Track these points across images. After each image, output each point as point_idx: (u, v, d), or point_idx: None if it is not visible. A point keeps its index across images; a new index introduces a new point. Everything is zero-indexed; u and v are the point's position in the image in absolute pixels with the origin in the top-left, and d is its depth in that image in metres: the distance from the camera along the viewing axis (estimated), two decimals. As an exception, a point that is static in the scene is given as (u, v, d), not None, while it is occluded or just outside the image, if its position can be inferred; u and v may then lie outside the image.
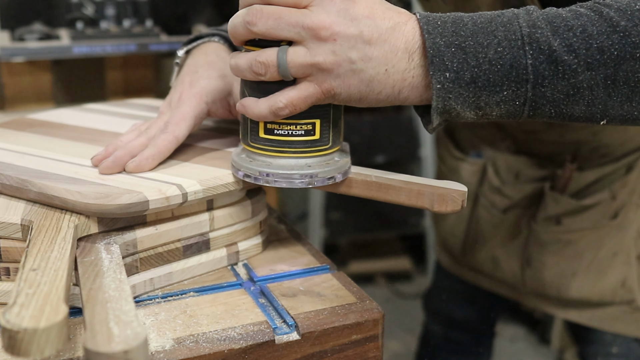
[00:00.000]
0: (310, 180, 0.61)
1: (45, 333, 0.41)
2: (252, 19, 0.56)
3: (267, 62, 0.56)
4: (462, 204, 0.60)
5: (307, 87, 0.57)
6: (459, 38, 0.55)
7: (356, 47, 0.55)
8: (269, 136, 0.60)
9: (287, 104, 0.57)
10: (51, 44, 1.53)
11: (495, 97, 0.55)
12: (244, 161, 0.62)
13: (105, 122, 0.83)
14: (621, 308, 1.04)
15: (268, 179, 0.61)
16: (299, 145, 0.60)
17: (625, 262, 1.03)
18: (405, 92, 0.57)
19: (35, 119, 0.85)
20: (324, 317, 0.59)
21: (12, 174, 0.62)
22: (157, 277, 0.62)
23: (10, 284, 0.58)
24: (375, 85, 0.56)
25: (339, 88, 0.56)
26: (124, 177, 0.63)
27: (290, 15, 0.55)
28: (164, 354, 0.53)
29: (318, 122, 0.60)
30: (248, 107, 0.59)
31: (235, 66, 0.59)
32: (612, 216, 1.01)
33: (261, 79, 0.57)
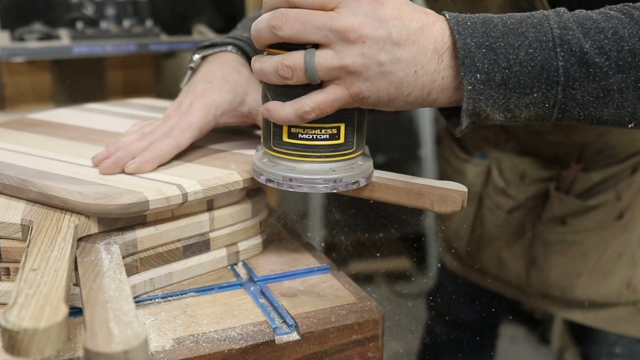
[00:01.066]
0: (335, 185, 0.60)
1: (45, 333, 0.41)
2: (278, 23, 0.55)
3: (294, 66, 0.55)
4: (462, 205, 0.60)
5: (334, 90, 0.56)
6: (489, 39, 0.54)
7: (385, 49, 0.54)
8: (293, 140, 0.59)
9: (313, 107, 0.56)
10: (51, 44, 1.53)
11: (525, 99, 0.55)
12: (266, 166, 0.61)
13: (105, 122, 0.83)
14: (626, 309, 1.04)
15: (292, 184, 0.60)
16: (323, 150, 0.60)
17: (630, 263, 1.02)
18: (434, 94, 0.56)
19: (35, 118, 0.85)
20: (324, 317, 0.59)
21: (12, 173, 0.62)
22: (157, 277, 0.62)
23: (11, 284, 0.58)
24: (404, 88, 0.55)
25: (368, 91, 0.56)
26: (124, 177, 0.63)
27: (317, 18, 0.54)
28: (164, 354, 0.53)
29: (343, 126, 0.59)
30: (273, 111, 0.58)
31: (259, 70, 0.58)
32: (617, 217, 1.01)
33: (287, 82, 0.56)
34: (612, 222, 1.01)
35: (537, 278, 1.07)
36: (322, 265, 0.69)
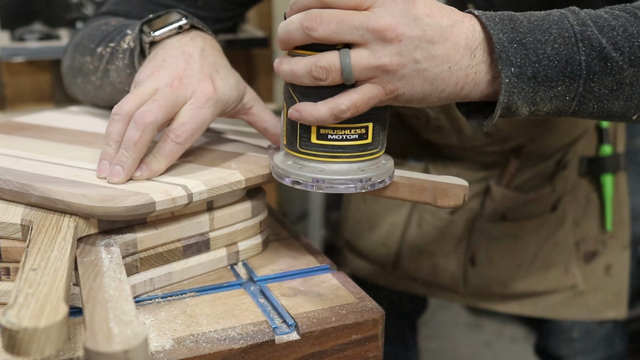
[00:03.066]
0: (363, 185, 0.60)
1: (45, 332, 0.41)
2: (312, 24, 0.54)
3: (329, 67, 0.55)
4: (464, 199, 0.61)
5: (370, 89, 0.56)
6: (518, 34, 0.56)
7: (420, 47, 0.54)
8: (322, 141, 0.59)
9: (349, 106, 0.56)
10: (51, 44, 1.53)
11: (550, 92, 0.57)
12: (292, 168, 0.60)
13: (93, 123, 0.83)
14: (564, 295, 1.09)
15: (321, 185, 0.59)
16: (352, 150, 0.59)
17: (565, 250, 1.07)
18: (467, 89, 0.57)
19: (23, 122, 0.84)
20: (324, 317, 0.59)
21: (11, 178, 0.61)
22: (157, 277, 0.62)
23: (10, 284, 0.58)
24: (438, 84, 0.56)
25: (403, 89, 0.56)
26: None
27: (352, 18, 0.54)
28: (164, 353, 0.53)
29: (371, 126, 0.59)
30: (305, 111, 0.57)
31: (289, 72, 0.57)
32: (552, 208, 1.06)
33: (321, 84, 0.56)
34: (548, 214, 1.06)
35: (476, 276, 1.09)
36: (322, 265, 0.69)
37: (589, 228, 1.08)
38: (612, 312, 1.10)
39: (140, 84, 0.67)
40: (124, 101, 0.65)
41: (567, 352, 1.12)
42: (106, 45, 0.79)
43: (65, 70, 0.91)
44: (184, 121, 0.64)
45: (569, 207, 1.07)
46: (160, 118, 0.63)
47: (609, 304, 1.10)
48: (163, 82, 0.66)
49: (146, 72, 0.68)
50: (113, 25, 0.81)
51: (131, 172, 0.62)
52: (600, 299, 1.10)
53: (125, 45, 0.75)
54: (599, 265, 1.09)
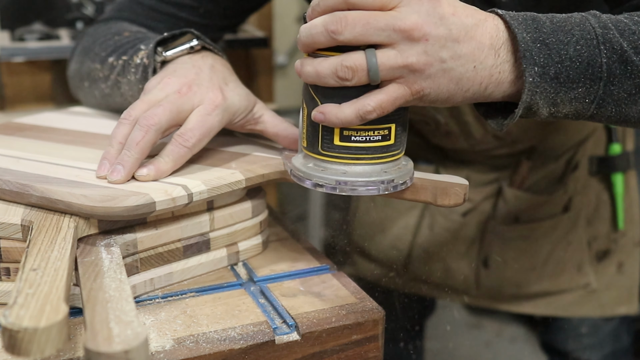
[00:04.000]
0: (387, 186, 0.59)
1: (45, 332, 0.41)
2: (338, 28, 0.53)
3: (355, 67, 0.54)
4: (464, 198, 0.61)
5: (396, 89, 0.55)
6: (542, 34, 0.56)
7: (446, 46, 0.54)
8: (345, 143, 0.58)
9: (375, 107, 0.55)
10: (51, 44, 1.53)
11: (570, 93, 0.57)
12: (313, 170, 0.59)
13: (93, 124, 0.83)
14: (577, 293, 1.09)
15: (344, 188, 0.58)
16: (375, 151, 0.58)
17: (578, 249, 1.07)
18: (490, 88, 0.57)
19: (23, 123, 0.84)
20: (324, 317, 0.59)
21: (11, 178, 0.61)
22: (158, 277, 0.62)
23: (11, 284, 0.58)
24: (464, 83, 0.56)
25: (429, 88, 0.56)
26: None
27: (378, 19, 0.53)
28: (164, 354, 0.53)
29: (393, 127, 0.58)
30: (329, 113, 0.56)
31: (313, 73, 0.56)
32: (564, 209, 1.06)
33: (346, 84, 0.55)
34: (560, 215, 1.06)
35: (489, 278, 1.09)
36: (322, 265, 0.69)
37: (601, 227, 1.08)
38: (624, 308, 1.11)
39: (149, 91, 0.68)
40: (133, 107, 0.66)
41: (574, 348, 1.13)
42: (119, 57, 0.80)
43: (72, 73, 0.91)
44: (191, 127, 0.65)
45: (581, 207, 1.07)
46: (164, 121, 0.63)
47: (621, 300, 1.10)
48: (172, 89, 0.67)
49: (156, 80, 0.69)
50: (126, 37, 0.83)
51: (132, 172, 0.62)
52: (613, 296, 1.10)
53: (138, 60, 0.76)
54: (611, 263, 1.09)
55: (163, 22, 0.88)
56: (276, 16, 1.97)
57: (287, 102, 2.33)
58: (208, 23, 0.88)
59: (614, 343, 1.13)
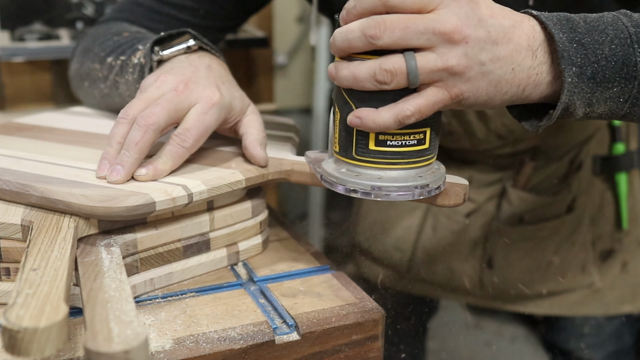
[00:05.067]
0: (422, 191, 0.58)
1: (45, 332, 0.41)
2: (376, 32, 0.52)
3: (394, 70, 0.53)
4: (464, 198, 0.61)
5: (435, 93, 0.54)
6: (577, 34, 0.56)
7: (485, 49, 0.54)
8: (380, 148, 0.57)
9: (414, 111, 0.54)
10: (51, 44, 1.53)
11: (605, 93, 0.57)
12: (347, 176, 0.58)
13: (94, 124, 0.83)
14: (581, 292, 1.09)
15: (379, 193, 0.57)
16: (410, 156, 0.58)
17: (582, 249, 1.07)
18: (528, 90, 0.57)
19: (23, 123, 0.84)
20: (324, 317, 0.59)
21: (11, 178, 0.61)
22: (158, 277, 0.62)
23: (11, 284, 0.58)
24: (502, 86, 0.56)
25: (468, 92, 0.55)
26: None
27: (417, 22, 0.52)
28: (164, 354, 0.53)
29: (428, 131, 0.58)
30: (367, 118, 0.55)
31: (350, 77, 0.55)
32: (568, 209, 1.06)
33: (384, 88, 0.54)
34: (564, 215, 1.05)
35: (493, 279, 1.09)
36: (322, 265, 0.69)
37: (605, 227, 1.08)
38: (628, 307, 1.11)
39: (146, 89, 0.68)
40: (130, 106, 0.65)
41: (577, 347, 1.13)
42: (117, 57, 0.80)
43: (72, 73, 0.92)
44: (189, 126, 0.65)
45: (585, 206, 1.06)
46: (162, 120, 0.63)
47: (625, 299, 1.10)
48: (168, 87, 0.66)
49: (152, 78, 0.69)
50: (125, 38, 0.82)
51: (131, 172, 0.62)
52: (617, 295, 1.10)
53: (136, 60, 0.76)
54: (616, 263, 1.09)
55: (163, 24, 0.88)
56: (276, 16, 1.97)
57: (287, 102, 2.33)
58: (208, 24, 0.88)
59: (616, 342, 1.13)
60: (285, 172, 0.69)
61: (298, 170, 0.69)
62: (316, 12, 0.91)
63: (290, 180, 0.70)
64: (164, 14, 0.88)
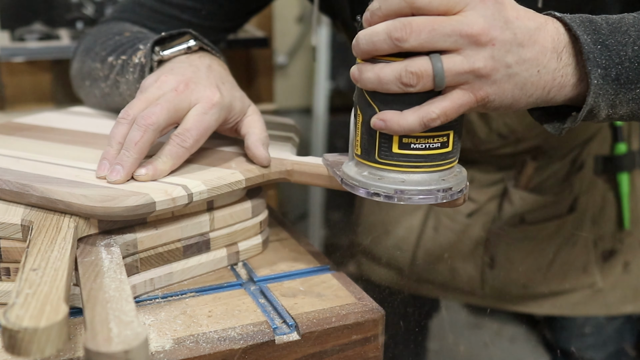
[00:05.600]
0: (445, 195, 0.58)
1: (45, 332, 0.41)
2: (402, 35, 0.52)
3: (420, 72, 0.52)
4: (464, 198, 0.61)
5: (460, 95, 0.54)
6: (601, 36, 0.56)
7: (511, 51, 0.53)
8: (404, 151, 0.56)
9: (439, 114, 0.54)
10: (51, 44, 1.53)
11: (629, 94, 0.57)
12: (369, 179, 0.58)
13: (94, 124, 0.83)
14: (583, 293, 1.09)
15: (402, 197, 0.57)
16: (434, 159, 0.57)
17: (584, 249, 1.07)
18: (553, 93, 0.56)
19: (23, 122, 0.84)
20: (324, 317, 0.59)
21: (11, 178, 0.61)
22: (158, 277, 0.62)
23: (11, 284, 0.58)
24: (528, 88, 0.55)
25: (494, 94, 0.54)
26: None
27: (443, 25, 0.52)
28: (164, 354, 0.53)
29: (452, 134, 0.57)
30: (391, 121, 0.54)
31: (375, 79, 0.54)
32: (569, 209, 1.06)
33: (410, 90, 0.53)
34: (566, 215, 1.05)
35: (495, 278, 1.09)
36: (322, 265, 0.69)
37: (607, 227, 1.08)
38: (630, 307, 1.11)
39: (146, 89, 0.68)
40: (130, 106, 0.65)
41: (578, 347, 1.13)
42: (118, 56, 0.80)
43: (74, 72, 0.92)
44: (189, 127, 0.65)
45: (586, 207, 1.06)
46: (162, 120, 0.63)
47: (627, 299, 1.10)
48: (169, 87, 0.66)
49: (153, 78, 0.69)
50: (127, 37, 0.82)
51: (131, 172, 0.62)
52: (619, 295, 1.10)
53: (137, 60, 0.76)
54: (618, 263, 1.09)
55: (165, 24, 0.88)
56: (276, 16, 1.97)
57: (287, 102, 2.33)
58: (210, 25, 0.88)
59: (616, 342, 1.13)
60: (286, 172, 0.69)
61: (298, 170, 0.69)
62: (317, 12, 0.91)
63: (290, 180, 0.70)
64: (165, 14, 0.88)
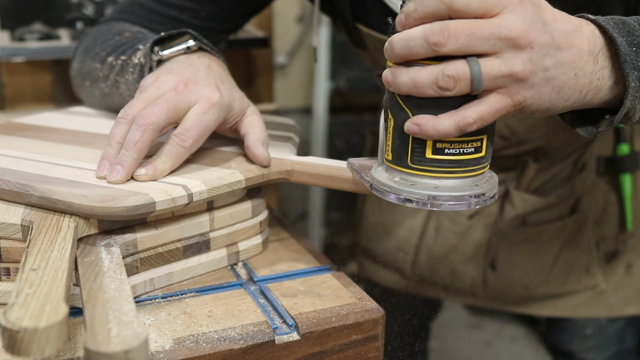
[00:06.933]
0: (478, 201, 0.57)
1: (45, 332, 0.41)
2: (440, 40, 0.50)
3: (458, 76, 0.51)
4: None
5: (498, 99, 0.53)
6: (635, 38, 0.55)
7: (549, 54, 0.53)
8: (438, 156, 0.55)
9: (476, 118, 0.52)
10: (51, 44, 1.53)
11: None
12: (401, 185, 0.57)
13: (94, 124, 0.83)
14: (585, 294, 1.08)
15: (435, 203, 0.56)
16: (467, 164, 0.56)
17: (586, 251, 1.07)
18: (589, 96, 0.56)
19: (23, 122, 0.84)
20: (324, 317, 0.59)
21: (10, 178, 0.61)
22: (158, 277, 0.62)
23: (11, 284, 0.58)
24: (565, 92, 0.55)
25: (531, 98, 0.53)
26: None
27: (481, 28, 0.51)
28: (164, 354, 0.53)
29: (485, 138, 0.56)
30: (426, 125, 0.53)
31: (411, 83, 0.53)
32: (571, 211, 1.05)
33: (446, 94, 0.52)
34: (567, 217, 1.05)
35: (497, 280, 1.09)
36: (322, 265, 0.69)
37: (609, 228, 1.08)
38: (632, 308, 1.10)
39: (145, 89, 0.68)
40: (130, 105, 0.65)
41: (579, 348, 1.13)
42: (117, 56, 0.80)
43: (74, 72, 0.92)
44: (188, 127, 0.65)
45: (589, 208, 1.06)
46: (162, 120, 0.63)
47: (630, 301, 1.10)
48: (168, 87, 0.66)
49: (152, 77, 0.69)
50: (126, 37, 0.82)
51: (131, 172, 0.62)
52: (621, 297, 1.10)
53: (136, 60, 0.76)
54: (620, 264, 1.09)
55: (164, 25, 0.88)
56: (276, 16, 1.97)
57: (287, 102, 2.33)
58: (209, 26, 0.88)
59: (618, 344, 1.13)
60: (286, 172, 0.69)
61: (298, 170, 0.69)
62: (318, 11, 0.91)
63: (290, 180, 0.70)
64: (164, 15, 0.88)
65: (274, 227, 0.77)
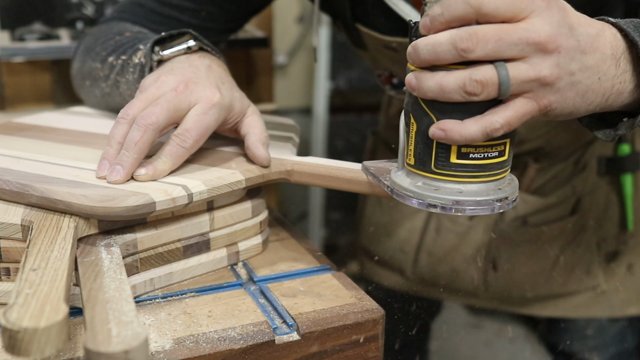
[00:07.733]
0: (502, 205, 0.56)
1: (45, 333, 0.41)
2: (469, 46, 0.50)
3: (485, 81, 0.50)
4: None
5: (524, 104, 0.52)
6: None
7: (575, 58, 0.52)
8: (463, 161, 0.55)
9: (503, 124, 0.52)
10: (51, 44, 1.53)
11: None
12: (424, 190, 0.56)
13: (94, 124, 0.83)
14: (586, 295, 1.08)
15: (459, 208, 0.55)
16: (491, 168, 0.56)
17: (587, 251, 1.06)
18: (611, 100, 0.56)
19: (23, 122, 0.84)
20: (324, 317, 0.59)
21: (11, 178, 0.61)
22: (158, 277, 0.62)
23: (11, 284, 0.58)
24: (589, 96, 0.55)
25: (557, 103, 0.53)
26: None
27: (510, 33, 0.50)
28: (164, 354, 0.53)
29: (508, 142, 0.56)
30: (452, 130, 0.53)
31: (437, 88, 0.52)
32: (572, 211, 1.05)
33: (473, 99, 0.51)
34: (568, 217, 1.05)
35: (498, 280, 1.09)
36: (322, 265, 0.69)
37: (610, 228, 1.07)
38: (634, 309, 1.10)
39: (146, 89, 0.68)
40: (130, 105, 0.65)
41: (579, 349, 1.13)
42: (118, 56, 0.80)
43: (74, 72, 0.92)
44: (188, 127, 0.65)
45: (589, 208, 1.06)
46: (162, 120, 0.63)
47: (631, 301, 1.10)
48: (168, 87, 0.66)
49: (152, 77, 0.69)
50: (127, 37, 0.83)
51: (131, 172, 0.62)
52: (623, 297, 1.09)
53: (137, 60, 0.76)
54: (621, 265, 1.09)
55: (164, 25, 0.88)
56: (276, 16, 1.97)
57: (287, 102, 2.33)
58: (210, 26, 0.88)
59: (618, 345, 1.13)
60: (286, 172, 0.69)
61: (298, 170, 0.69)
62: (318, 11, 0.91)
63: (291, 180, 0.70)
64: (165, 15, 0.88)
65: (274, 227, 0.77)
